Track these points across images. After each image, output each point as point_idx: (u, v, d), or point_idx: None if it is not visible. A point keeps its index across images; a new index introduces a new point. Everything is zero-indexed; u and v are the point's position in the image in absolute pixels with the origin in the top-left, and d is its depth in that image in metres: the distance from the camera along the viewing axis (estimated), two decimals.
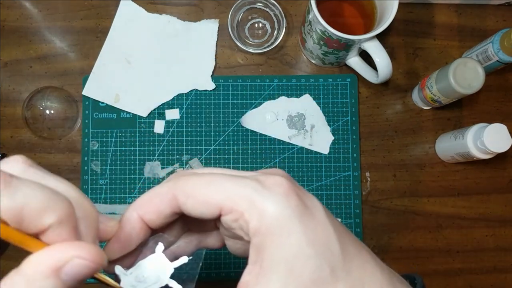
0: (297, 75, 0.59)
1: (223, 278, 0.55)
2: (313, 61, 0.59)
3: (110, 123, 0.57)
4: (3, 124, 0.57)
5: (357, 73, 0.56)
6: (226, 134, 0.57)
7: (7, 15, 0.58)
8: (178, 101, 0.57)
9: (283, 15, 0.57)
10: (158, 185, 0.24)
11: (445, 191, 0.58)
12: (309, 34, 0.53)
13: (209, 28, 0.59)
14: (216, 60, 0.58)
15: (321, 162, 0.57)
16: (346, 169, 0.57)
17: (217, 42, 0.59)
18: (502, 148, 0.48)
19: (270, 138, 0.57)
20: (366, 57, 0.53)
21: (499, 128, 0.48)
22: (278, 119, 0.57)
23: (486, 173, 0.58)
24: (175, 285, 0.24)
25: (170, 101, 0.57)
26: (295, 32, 0.59)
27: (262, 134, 0.57)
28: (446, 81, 0.49)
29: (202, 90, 0.58)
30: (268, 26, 0.59)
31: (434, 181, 0.58)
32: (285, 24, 0.57)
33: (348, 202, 0.56)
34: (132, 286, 0.23)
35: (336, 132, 0.57)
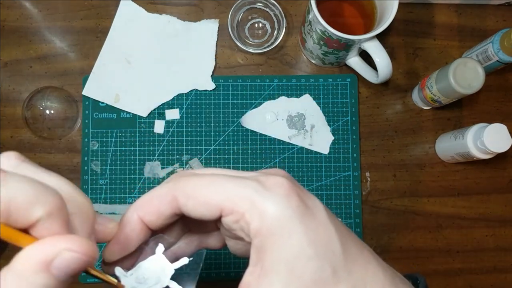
0: (297, 75, 0.59)
1: (223, 278, 0.55)
2: (313, 61, 0.59)
3: (110, 123, 0.57)
4: (3, 124, 0.57)
5: (357, 73, 0.56)
6: (226, 134, 0.57)
7: (7, 15, 0.58)
8: (178, 101, 0.57)
9: (283, 15, 0.57)
10: (158, 186, 0.24)
11: (445, 191, 0.58)
12: (309, 34, 0.53)
13: (209, 28, 0.59)
14: (216, 60, 0.58)
15: (321, 162, 0.57)
16: (346, 169, 0.57)
17: (217, 42, 0.59)
18: (502, 148, 0.48)
19: (270, 138, 0.57)
20: (366, 57, 0.53)
21: (499, 128, 0.48)
22: (278, 119, 0.57)
23: (486, 173, 0.58)
24: (176, 286, 0.24)
25: (170, 101, 0.57)
26: (295, 32, 0.59)
27: (262, 134, 0.57)
28: (446, 81, 0.49)
29: (202, 90, 0.58)
30: (268, 26, 0.59)
31: (434, 181, 0.58)
32: (285, 24, 0.57)
33: (348, 202, 0.56)
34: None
35: (336, 132, 0.57)
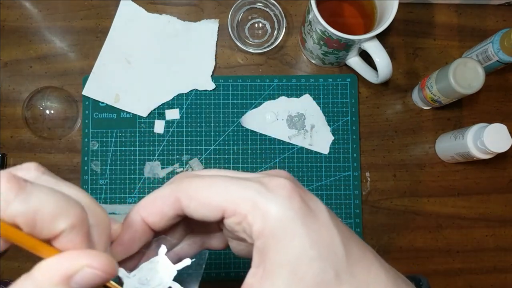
0: (297, 75, 0.59)
1: (223, 278, 0.55)
2: (313, 61, 0.59)
3: (110, 123, 0.57)
4: (3, 124, 0.57)
5: (357, 73, 0.56)
6: (226, 134, 0.57)
7: (7, 15, 0.58)
8: (178, 101, 0.57)
9: (283, 15, 0.57)
10: (161, 187, 0.24)
11: (445, 191, 0.58)
12: (309, 34, 0.53)
13: (209, 28, 0.59)
14: (216, 60, 0.58)
15: (321, 162, 0.57)
16: (346, 169, 0.57)
17: (217, 42, 0.59)
18: (502, 148, 0.48)
19: (270, 138, 0.57)
20: (366, 57, 0.53)
21: (499, 128, 0.48)
22: (278, 119, 0.57)
23: (486, 173, 0.58)
24: (178, 287, 0.24)
25: (170, 101, 0.57)
26: (295, 32, 0.59)
27: (262, 134, 0.57)
28: (446, 81, 0.49)
29: (202, 90, 0.58)
30: (268, 26, 0.59)
31: (434, 181, 0.58)
32: (285, 24, 0.57)
33: (348, 202, 0.56)
34: None
35: (336, 132, 0.57)
